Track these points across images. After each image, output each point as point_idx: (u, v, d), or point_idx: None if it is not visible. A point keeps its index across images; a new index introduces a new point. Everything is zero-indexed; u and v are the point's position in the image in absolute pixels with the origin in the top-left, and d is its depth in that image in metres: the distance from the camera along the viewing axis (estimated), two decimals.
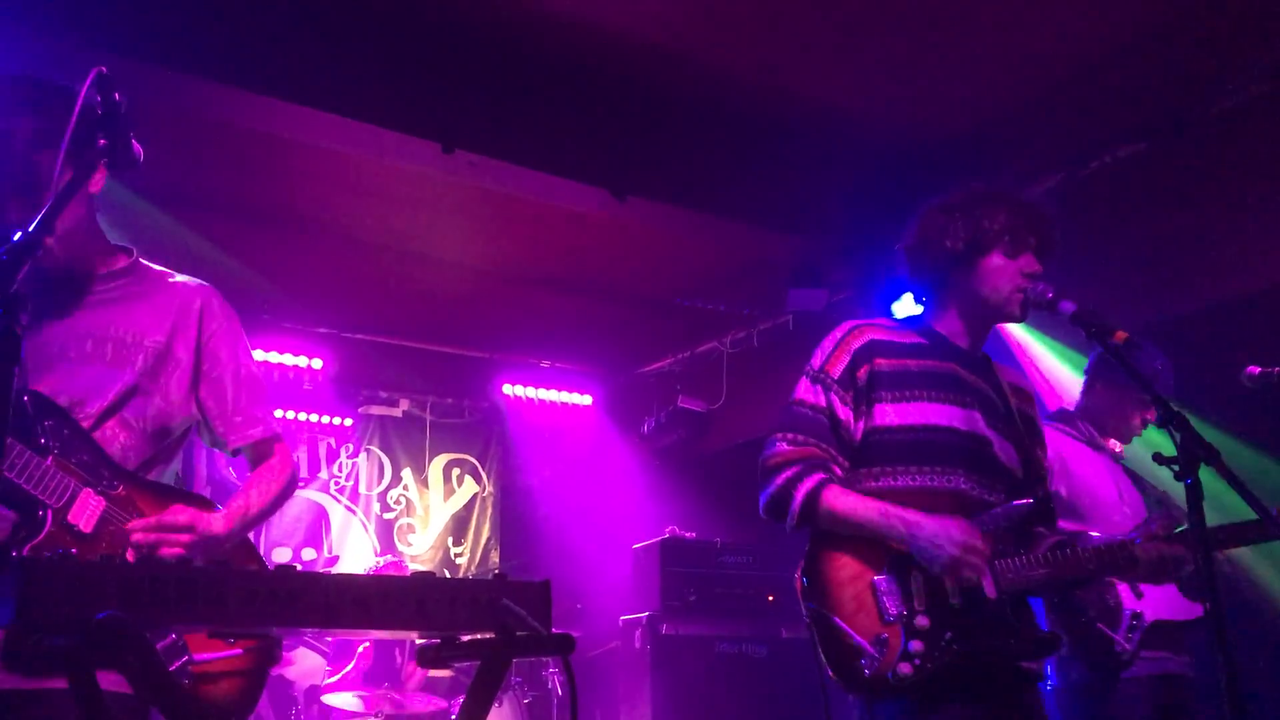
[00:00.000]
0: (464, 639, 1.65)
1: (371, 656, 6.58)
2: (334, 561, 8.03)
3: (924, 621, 2.47)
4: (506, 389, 8.71)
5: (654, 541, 6.73)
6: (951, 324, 2.83)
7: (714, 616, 6.51)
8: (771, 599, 6.63)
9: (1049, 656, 2.65)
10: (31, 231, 1.79)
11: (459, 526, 8.99)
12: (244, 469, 2.68)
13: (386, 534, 8.59)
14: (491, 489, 9.23)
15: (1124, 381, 3.88)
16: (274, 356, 7.62)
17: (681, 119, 5.62)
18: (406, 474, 8.84)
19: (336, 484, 8.51)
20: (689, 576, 6.56)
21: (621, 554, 7.19)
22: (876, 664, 2.44)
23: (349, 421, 8.52)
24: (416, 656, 1.71)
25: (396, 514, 8.71)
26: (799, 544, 2.66)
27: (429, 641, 1.67)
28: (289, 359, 7.73)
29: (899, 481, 2.63)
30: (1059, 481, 3.69)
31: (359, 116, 4.86)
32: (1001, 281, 2.72)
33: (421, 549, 8.73)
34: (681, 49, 5.08)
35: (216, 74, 4.55)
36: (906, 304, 5.73)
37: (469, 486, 9.14)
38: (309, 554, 8.07)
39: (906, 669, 2.42)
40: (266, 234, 6.54)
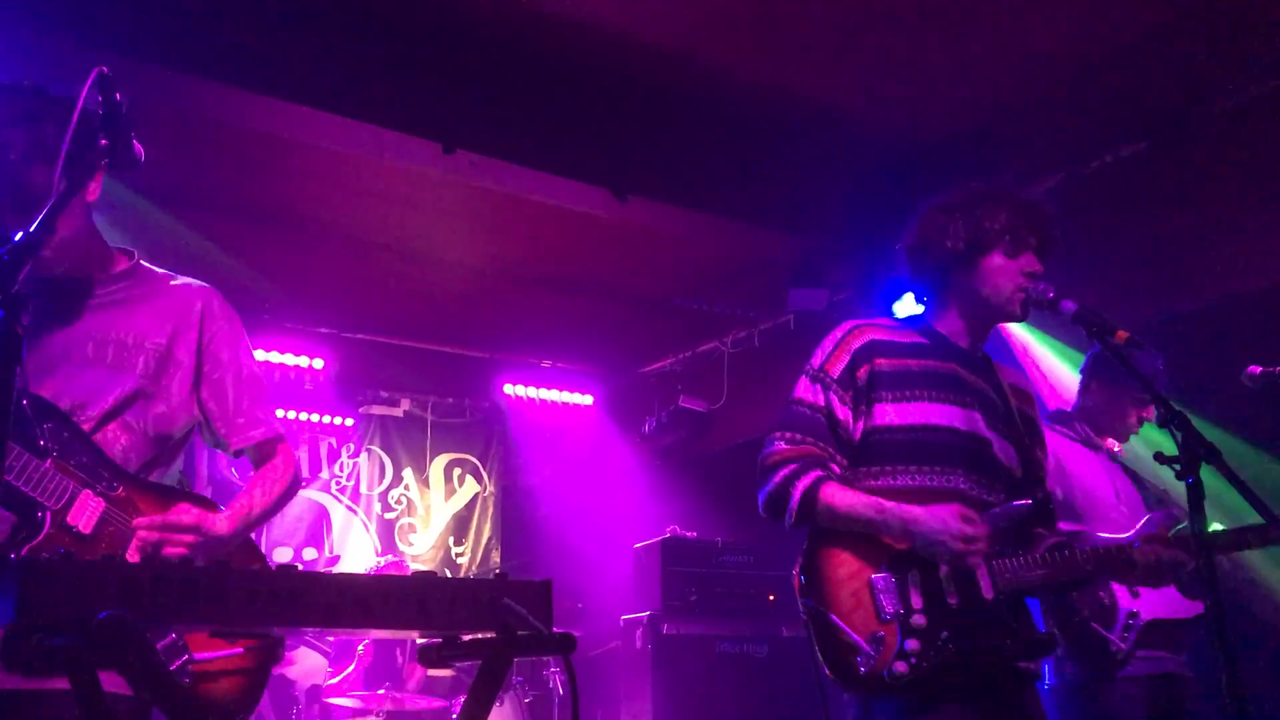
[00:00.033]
0: (465, 638, 1.65)
1: (372, 656, 6.58)
2: (335, 561, 8.03)
3: (921, 620, 2.47)
4: (507, 389, 8.70)
5: (655, 541, 6.73)
6: (952, 324, 2.84)
7: (715, 616, 6.51)
8: (772, 598, 6.63)
9: (1046, 657, 2.65)
10: (32, 231, 1.79)
11: (460, 526, 8.99)
12: (246, 469, 2.68)
13: (388, 534, 8.59)
14: (493, 489, 9.23)
15: (1119, 380, 3.88)
16: (275, 356, 7.62)
17: (682, 119, 5.62)
18: (407, 474, 8.84)
19: (338, 484, 8.51)
20: (690, 576, 6.56)
21: (622, 554, 7.19)
22: (872, 662, 2.44)
23: (350, 421, 8.52)
24: (418, 656, 1.71)
25: (397, 514, 8.71)
26: (799, 544, 2.66)
27: (430, 641, 1.68)
28: (290, 359, 7.73)
29: (899, 481, 2.63)
30: (1055, 482, 3.69)
31: (360, 116, 4.87)
32: (1002, 281, 2.73)
33: (423, 549, 8.73)
34: (682, 49, 5.09)
35: (217, 74, 4.55)
36: (907, 303, 5.72)
37: (470, 486, 9.14)
38: (310, 554, 8.07)
39: (902, 668, 2.42)
40: (267, 234, 6.54)
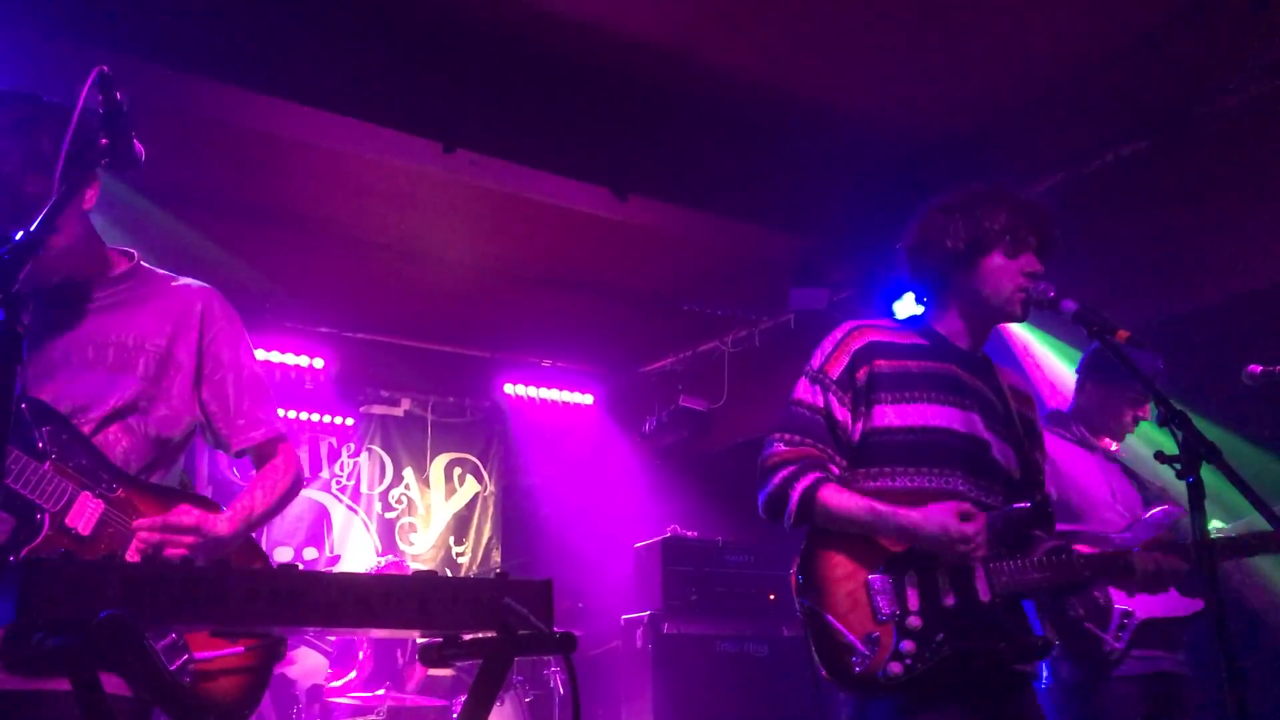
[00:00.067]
0: (466, 638, 1.65)
1: (372, 656, 6.58)
2: (336, 561, 8.03)
3: (916, 622, 2.47)
4: (508, 388, 8.70)
5: (655, 540, 6.74)
6: (952, 324, 2.83)
7: (715, 615, 6.51)
8: (773, 598, 6.63)
9: (1041, 660, 2.65)
10: (33, 230, 1.78)
11: (460, 526, 8.99)
12: (247, 469, 2.68)
13: (388, 533, 8.60)
14: (493, 488, 9.23)
15: (1115, 380, 3.88)
16: (275, 356, 7.62)
17: (683, 118, 5.62)
18: (408, 473, 8.84)
19: (338, 483, 8.51)
20: (690, 575, 6.56)
21: (623, 553, 7.19)
22: (867, 662, 2.44)
23: (350, 421, 8.52)
24: (419, 655, 1.71)
25: (398, 513, 8.71)
26: (800, 543, 2.66)
27: (431, 640, 1.67)
28: (290, 358, 7.73)
29: (897, 482, 2.63)
30: (1050, 483, 3.68)
31: (360, 115, 4.86)
32: (1002, 281, 2.72)
33: (423, 548, 8.73)
34: (683, 48, 5.08)
35: (217, 73, 4.55)
36: (908, 303, 5.72)
37: (470, 486, 9.14)
38: (311, 553, 8.07)
39: (897, 668, 2.42)
40: (267, 233, 6.54)
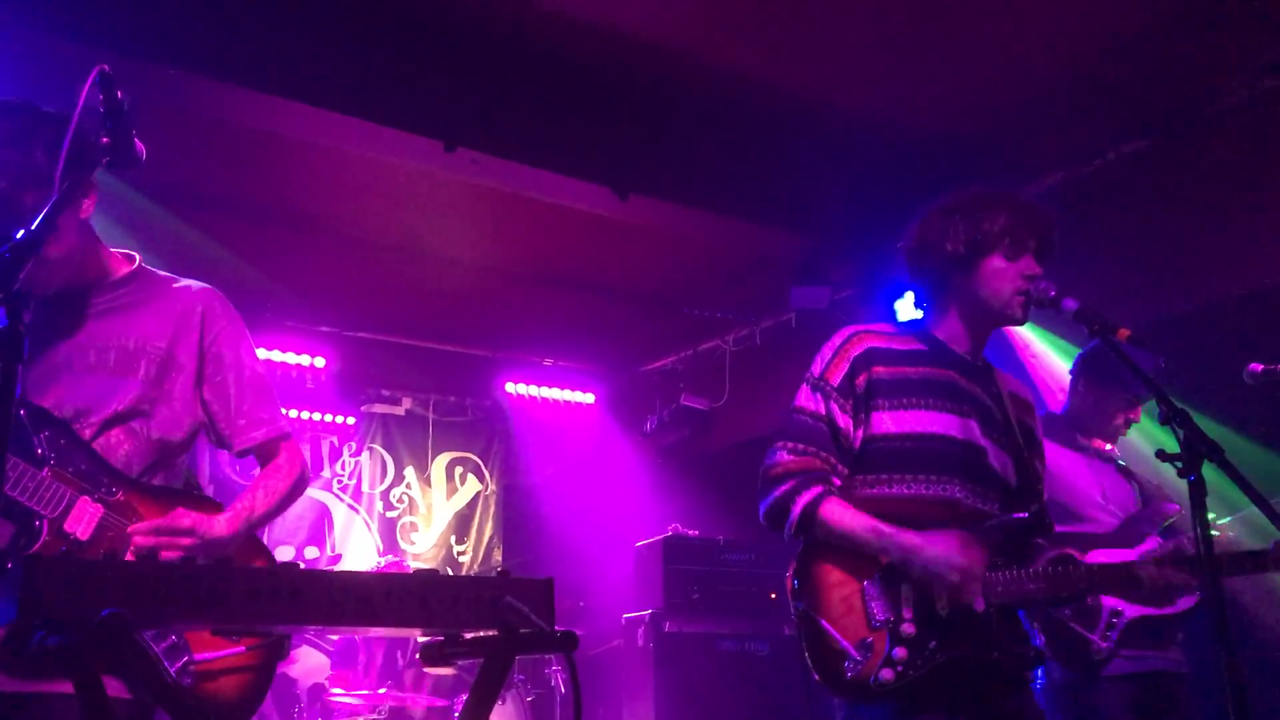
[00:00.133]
0: (467, 636, 1.65)
1: (373, 654, 6.57)
2: (337, 560, 8.03)
3: (909, 629, 2.47)
4: (509, 387, 8.70)
5: (657, 539, 6.74)
6: (951, 328, 2.82)
7: (717, 614, 6.51)
8: (774, 596, 6.63)
9: (1033, 669, 2.64)
10: (34, 229, 1.78)
11: (462, 525, 8.99)
12: (248, 467, 2.68)
13: (389, 532, 8.60)
14: (494, 487, 9.23)
15: (1108, 382, 3.88)
16: (276, 355, 7.62)
17: (684, 117, 5.61)
18: (409, 472, 8.84)
19: (339, 482, 8.51)
20: (692, 574, 6.56)
21: (624, 552, 7.19)
22: (859, 668, 2.44)
23: (351, 420, 8.52)
24: (420, 654, 1.71)
25: (399, 512, 8.71)
26: (798, 545, 2.66)
27: (432, 639, 1.67)
28: (291, 357, 7.73)
29: (894, 489, 2.62)
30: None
31: (361, 114, 4.86)
32: (1002, 284, 2.71)
33: (424, 547, 8.73)
34: (684, 48, 5.08)
35: (218, 72, 4.54)
36: (909, 302, 5.72)
37: (472, 485, 9.14)
38: (312, 552, 8.07)
39: (888, 675, 2.42)
40: (268, 232, 6.54)
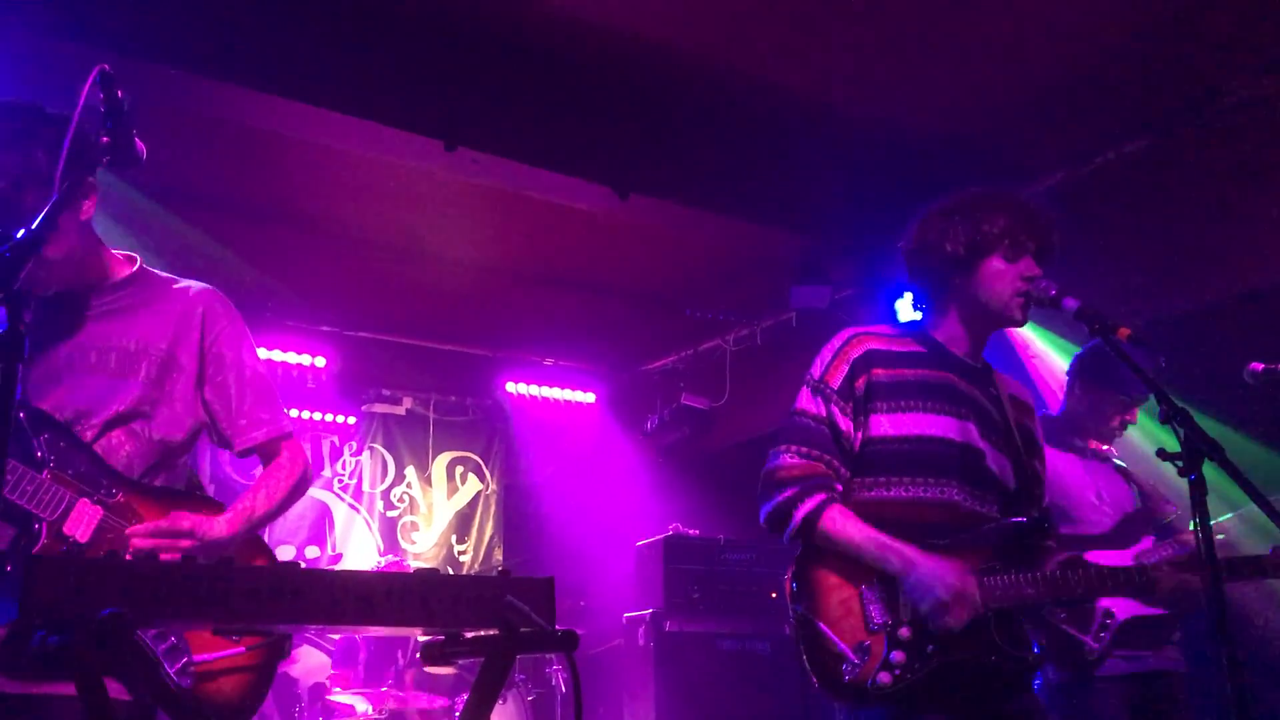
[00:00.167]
0: (468, 636, 1.65)
1: (374, 654, 6.57)
2: (338, 559, 8.03)
3: (907, 633, 2.47)
4: (510, 387, 8.71)
5: (657, 539, 6.74)
6: (951, 330, 2.81)
7: (717, 613, 6.51)
8: (774, 596, 6.63)
9: (1030, 673, 2.64)
10: (35, 228, 1.78)
11: (462, 524, 9.00)
12: (248, 467, 2.68)
13: (390, 532, 8.60)
14: (495, 487, 9.23)
15: (1104, 384, 3.88)
16: (277, 355, 7.62)
17: (684, 117, 5.61)
18: (410, 472, 8.84)
19: (340, 482, 8.51)
20: (692, 574, 6.56)
21: (625, 551, 7.19)
22: (857, 671, 2.44)
23: (352, 419, 8.52)
24: (421, 653, 1.71)
25: (400, 512, 8.71)
26: (798, 547, 2.66)
27: (433, 638, 1.67)
28: (292, 357, 7.74)
29: (892, 492, 2.63)
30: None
31: (362, 114, 4.86)
32: (1001, 286, 2.70)
33: (425, 547, 8.73)
34: (685, 47, 5.08)
35: (218, 71, 4.54)
36: (909, 302, 5.71)
37: (472, 484, 9.14)
38: (313, 552, 8.07)
39: (886, 678, 2.42)
40: (269, 232, 6.54)
